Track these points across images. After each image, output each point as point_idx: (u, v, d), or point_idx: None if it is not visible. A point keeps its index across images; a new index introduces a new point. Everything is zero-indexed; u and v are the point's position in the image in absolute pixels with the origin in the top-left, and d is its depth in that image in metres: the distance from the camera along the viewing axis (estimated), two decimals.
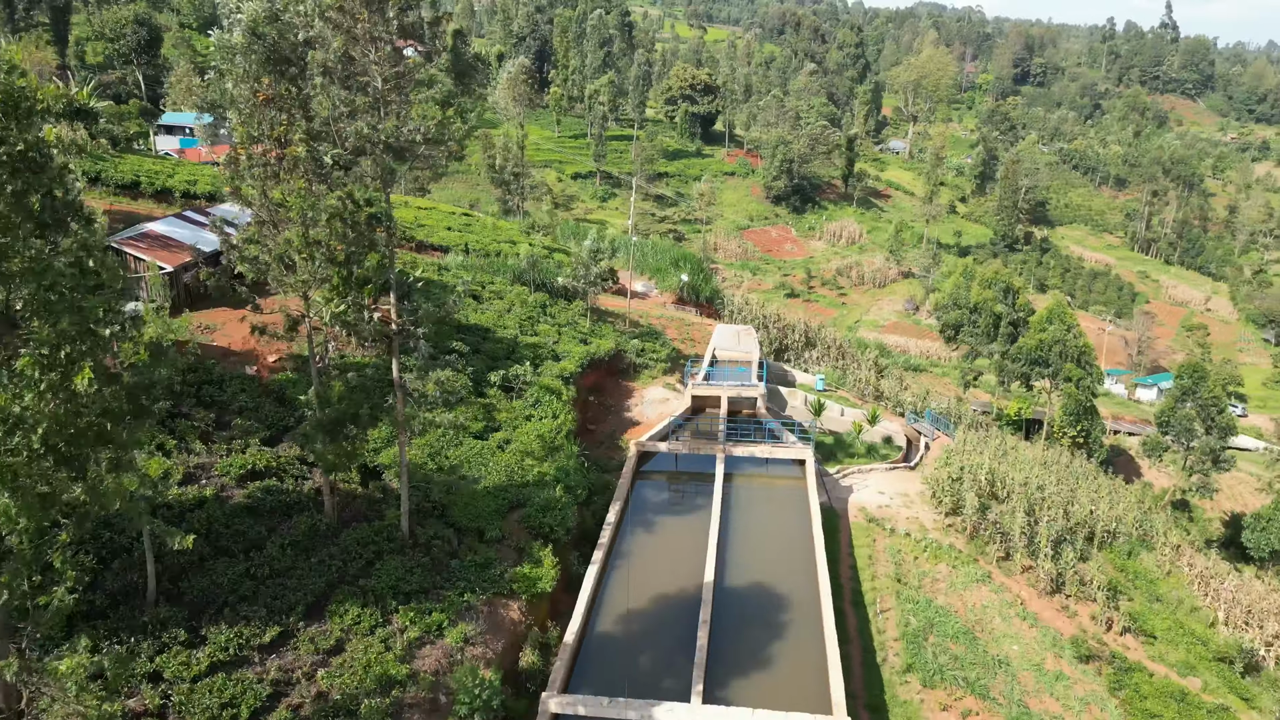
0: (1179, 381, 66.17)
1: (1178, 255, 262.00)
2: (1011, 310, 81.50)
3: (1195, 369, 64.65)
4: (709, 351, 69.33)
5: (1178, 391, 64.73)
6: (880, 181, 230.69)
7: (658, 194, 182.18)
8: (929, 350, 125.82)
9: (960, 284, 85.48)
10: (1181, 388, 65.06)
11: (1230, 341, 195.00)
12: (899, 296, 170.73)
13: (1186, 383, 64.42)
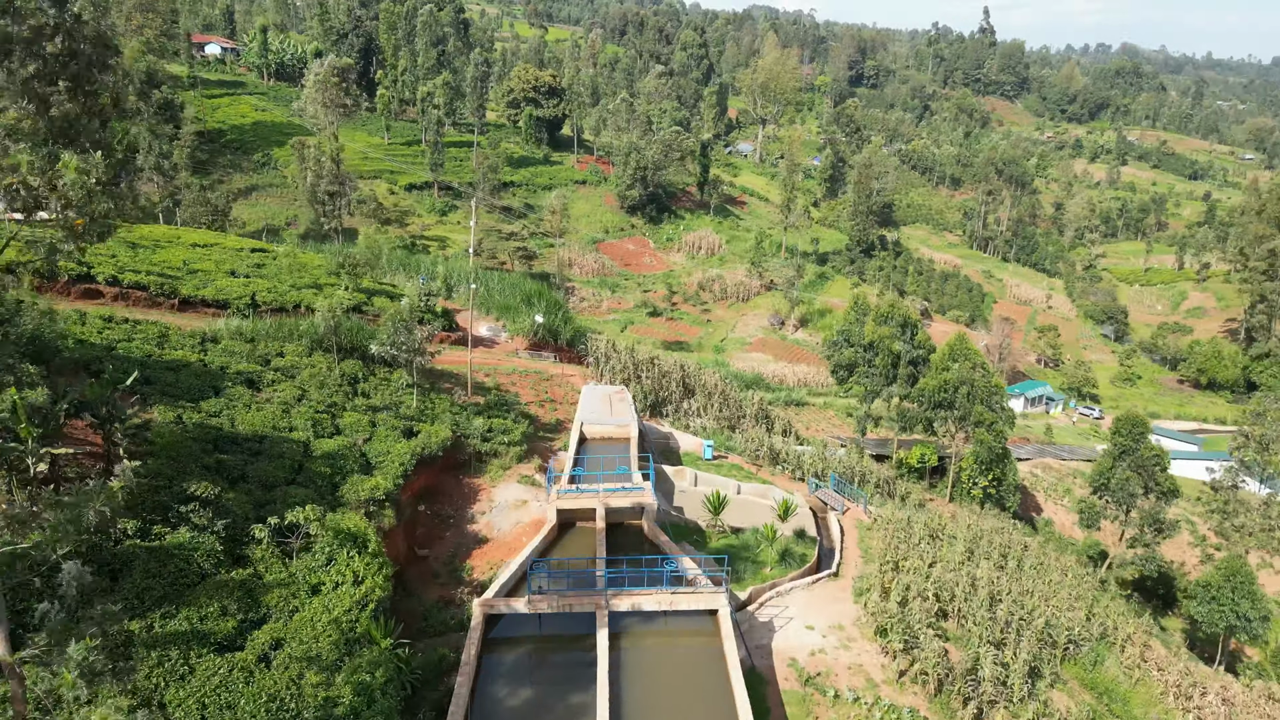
0: (1116, 438, 57.07)
1: (1014, 252, 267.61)
2: (911, 348, 70.81)
3: (1134, 422, 55.56)
4: (575, 428, 53.96)
5: (1115, 450, 55.48)
6: (735, 188, 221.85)
7: (504, 206, 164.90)
8: (804, 376, 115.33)
9: (852, 318, 74.26)
10: (1119, 445, 55.78)
11: (1074, 339, 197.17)
12: (763, 311, 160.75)
13: (1124, 440, 55.19)
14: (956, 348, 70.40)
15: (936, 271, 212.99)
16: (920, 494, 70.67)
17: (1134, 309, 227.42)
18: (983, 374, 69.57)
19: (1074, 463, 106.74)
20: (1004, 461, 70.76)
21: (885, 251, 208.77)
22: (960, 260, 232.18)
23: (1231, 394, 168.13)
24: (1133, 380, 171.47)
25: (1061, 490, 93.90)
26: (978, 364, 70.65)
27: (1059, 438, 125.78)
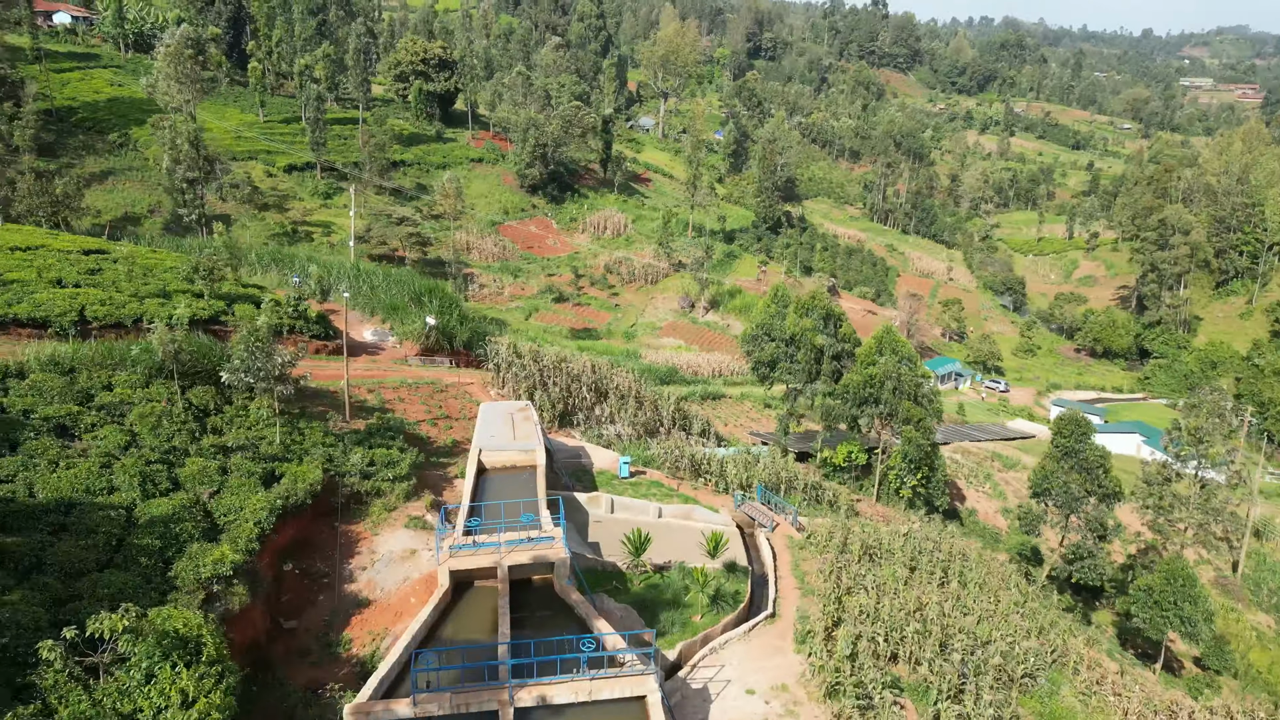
0: (1058, 439, 53.36)
1: (914, 225, 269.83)
2: (835, 341, 65.94)
3: (1076, 422, 51.96)
4: (473, 457, 46.60)
5: (1056, 452, 51.81)
6: (639, 164, 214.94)
7: (394, 188, 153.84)
8: (719, 365, 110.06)
9: (772, 311, 68.95)
10: (1061, 446, 52.10)
11: (976, 311, 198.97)
12: (673, 293, 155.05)
13: (1067, 441, 51.53)
14: (884, 340, 65.90)
15: (841, 247, 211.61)
16: (848, 496, 66.19)
17: (1030, 278, 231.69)
18: (909, 368, 65.31)
19: (990, 444, 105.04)
20: (932, 458, 66.91)
21: (792, 229, 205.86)
22: (863, 234, 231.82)
23: (1125, 361, 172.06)
24: (1033, 351, 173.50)
25: (982, 476, 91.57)
26: (905, 357, 66.35)
27: (971, 415, 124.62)
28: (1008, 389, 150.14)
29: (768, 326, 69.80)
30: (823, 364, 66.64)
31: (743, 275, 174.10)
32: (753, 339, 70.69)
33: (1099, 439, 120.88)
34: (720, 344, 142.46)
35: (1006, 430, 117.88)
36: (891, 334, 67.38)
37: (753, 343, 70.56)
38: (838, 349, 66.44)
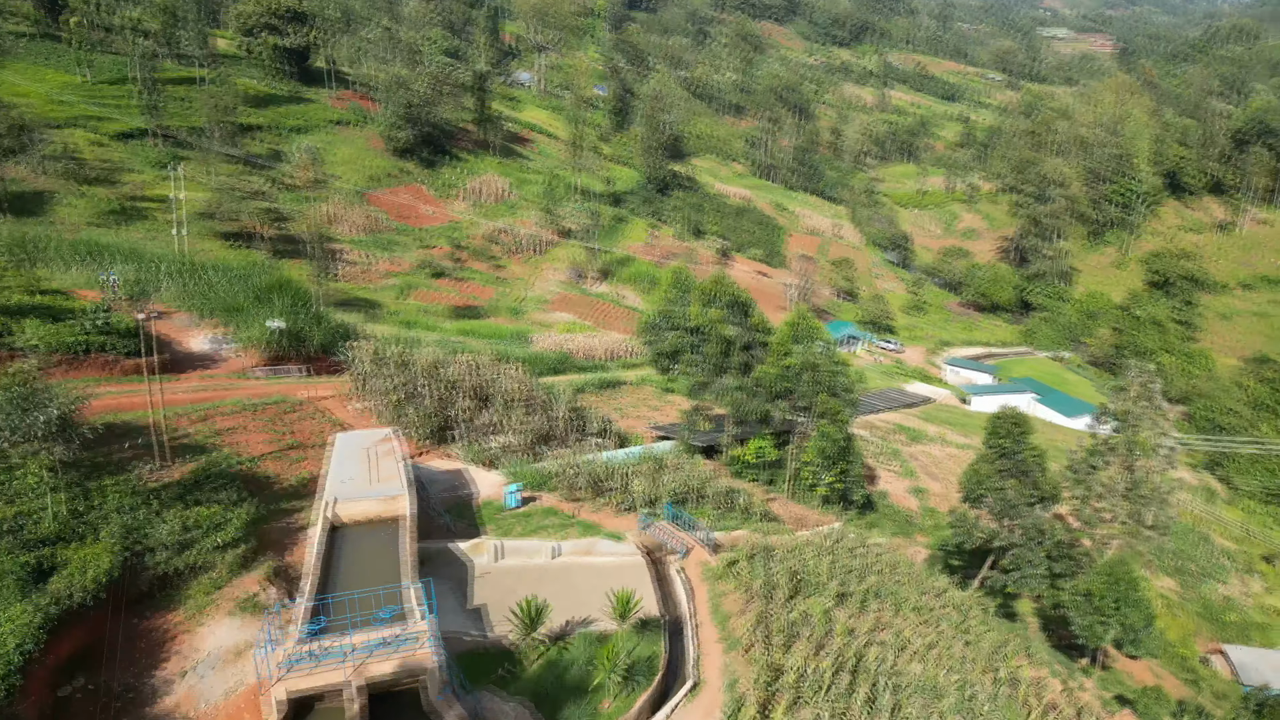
0: (994, 439, 48.21)
1: (799, 180, 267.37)
2: (745, 330, 59.19)
3: (1014, 420, 46.92)
4: (321, 509, 37.60)
5: (991, 454, 46.75)
6: (518, 123, 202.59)
7: (245, 156, 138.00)
8: (614, 346, 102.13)
9: (672, 296, 61.50)
10: (997, 447, 46.97)
11: (865, 268, 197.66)
12: (562, 263, 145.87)
13: (1004, 442, 46.49)
14: (799, 327, 59.55)
15: (730, 206, 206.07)
16: (761, 499, 60.16)
17: (914, 233, 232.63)
18: (827, 357, 59.33)
19: (893, 415, 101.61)
20: (849, 452, 61.52)
21: (681, 190, 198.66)
22: (750, 192, 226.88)
23: (1010, 315, 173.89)
24: (922, 308, 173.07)
25: (889, 453, 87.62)
26: (825, 345, 60.30)
27: (870, 381, 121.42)
28: (901, 348, 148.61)
29: (669, 314, 62.32)
30: (731, 356, 59.85)
31: (633, 240, 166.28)
32: (652, 328, 63.14)
33: (993, 400, 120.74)
34: (614, 317, 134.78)
35: (907, 396, 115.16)
36: (807, 320, 61.16)
37: (652, 332, 63.02)
38: (747, 338, 59.72)
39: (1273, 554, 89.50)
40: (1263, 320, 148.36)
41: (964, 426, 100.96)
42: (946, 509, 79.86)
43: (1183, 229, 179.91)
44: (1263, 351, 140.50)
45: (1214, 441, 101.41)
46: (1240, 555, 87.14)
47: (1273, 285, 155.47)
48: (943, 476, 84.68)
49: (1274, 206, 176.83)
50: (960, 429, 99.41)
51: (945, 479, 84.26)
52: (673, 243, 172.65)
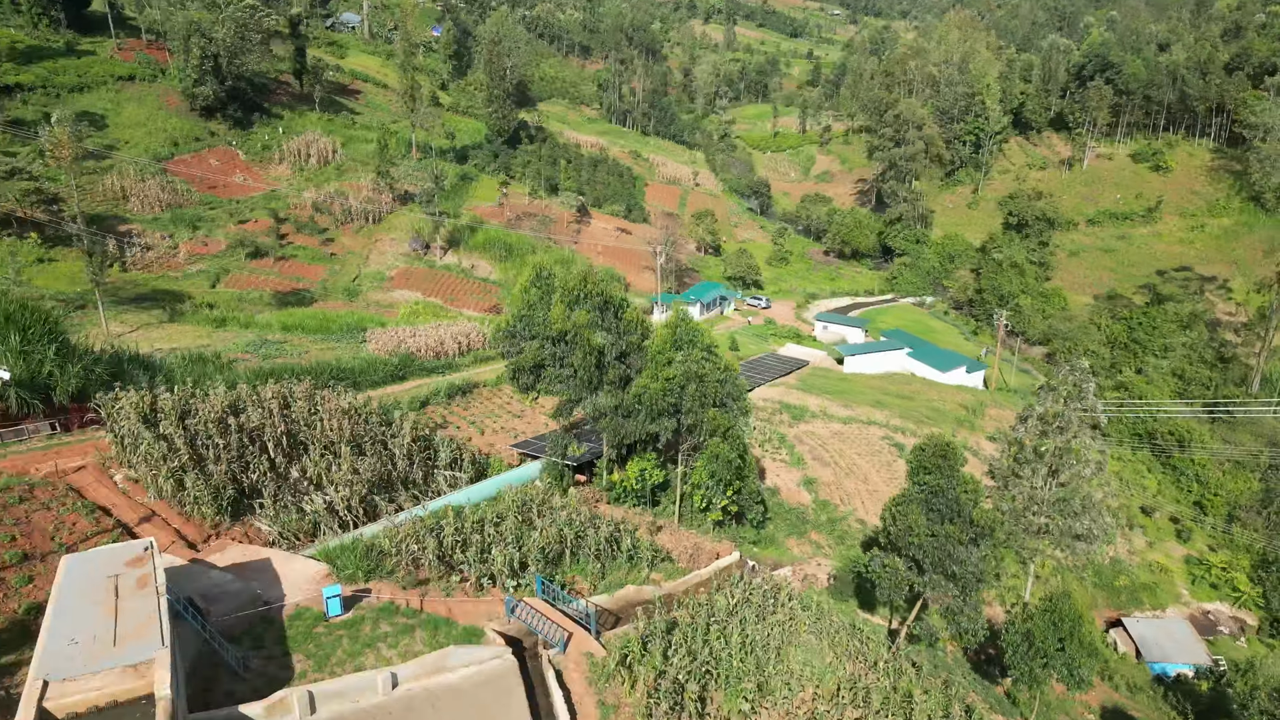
0: (920, 476, 40.40)
1: (653, 125, 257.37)
2: (617, 337, 49.22)
3: (942, 453, 39.23)
4: (30, 699, 25.54)
5: (917, 493, 39.39)
6: (344, 73, 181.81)
7: (4, 123, 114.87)
8: (466, 336, 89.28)
9: (531, 297, 50.53)
10: (924, 485, 39.31)
11: (726, 218, 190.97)
12: (402, 233, 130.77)
13: (932, 479, 38.93)
14: (679, 330, 50.08)
15: (585, 157, 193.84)
16: (649, 531, 51.27)
17: (772, 177, 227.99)
18: (714, 364, 50.37)
19: (774, 391, 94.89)
20: (744, 468, 53.29)
21: (531, 141, 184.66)
22: (604, 140, 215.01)
23: (872, 261, 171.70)
24: (786, 259, 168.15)
25: (776, 439, 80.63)
26: (707, 348, 51.19)
27: (744, 347, 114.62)
28: (769, 304, 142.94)
29: (528, 320, 51.46)
30: (605, 368, 49.92)
31: (482, 201, 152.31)
32: (508, 336, 52.12)
33: (868, 360, 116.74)
34: (465, 292, 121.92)
35: (783, 362, 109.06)
36: (687, 323, 51.73)
37: (508, 341, 52.02)
38: (622, 346, 49.87)
39: (1149, 505, 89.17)
40: (1109, 255, 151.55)
41: (844, 395, 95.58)
42: (838, 498, 73.93)
43: (1030, 166, 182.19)
44: (1113, 287, 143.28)
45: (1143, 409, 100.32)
46: (1120, 509, 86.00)
47: (1117, 220, 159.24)
48: (831, 460, 78.60)
49: (1114, 141, 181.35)
50: (841, 398, 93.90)
51: (834, 463, 78.22)
52: (527, 201, 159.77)
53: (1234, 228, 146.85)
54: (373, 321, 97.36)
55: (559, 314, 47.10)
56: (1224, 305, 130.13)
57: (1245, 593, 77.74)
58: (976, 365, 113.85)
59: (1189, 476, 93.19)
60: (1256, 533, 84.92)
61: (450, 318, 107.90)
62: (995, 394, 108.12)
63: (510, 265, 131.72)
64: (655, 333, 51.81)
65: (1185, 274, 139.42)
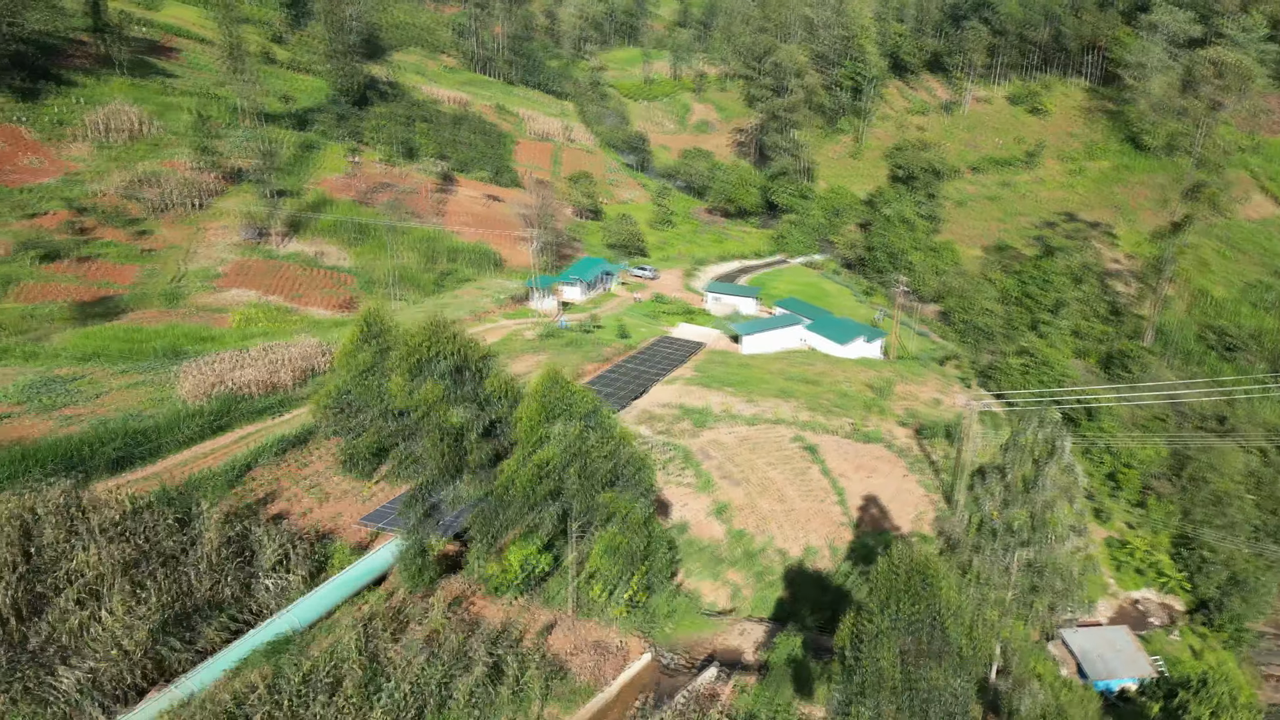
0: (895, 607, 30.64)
1: (518, 74, 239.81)
2: (478, 410, 37.11)
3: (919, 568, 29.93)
4: None
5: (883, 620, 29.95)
6: (155, 29, 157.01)
7: None
8: (308, 358, 74.35)
9: (363, 360, 37.70)
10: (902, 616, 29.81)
11: (603, 177, 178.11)
12: (235, 218, 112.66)
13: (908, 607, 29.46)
14: (549, 397, 38.34)
15: (446, 115, 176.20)
16: (537, 634, 40.56)
17: (648, 129, 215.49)
18: (602, 434, 39.24)
19: (670, 391, 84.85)
20: (650, 542, 42.92)
21: (384, 100, 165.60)
22: (467, 95, 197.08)
23: (758, 219, 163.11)
24: (670, 220, 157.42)
25: (679, 456, 70.71)
26: (589, 413, 39.88)
27: (633, 332, 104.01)
28: (656, 274, 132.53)
29: (360, 390, 38.89)
30: (467, 451, 38.16)
31: (329, 172, 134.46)
32: (335, 411, 39.49)
33: (765, 339, 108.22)
34: (313, 285, 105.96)
35: (678, 347, 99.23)
36: (560, 385, 40.14)
37: (335, 419, 39.40)
38: (487, 420, 38.20)
39: None
40: (995, 204, 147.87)
41: (746, 386, 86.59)
42: (754, 525, 64.94)
43: (910, 111, 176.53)
44: (1001, 238, 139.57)
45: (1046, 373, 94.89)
46: None
47: (999, 166, 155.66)
48: (742, 476, 69.48)
49: (991, 83, 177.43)
50: (743, 391, 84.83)
51: (745, 480, 69.13)
52: (381, 171, 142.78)
53: (1113, 171, 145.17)
54: (196, 339, 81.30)
55: (400, 387, 34.86)
56: (1111, 253, 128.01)
57: (1171, 577, 74.04)
58: (875, 333, 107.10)
59: (1099, 447, 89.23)
60: (1172, 506, 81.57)
61: (294, 323, 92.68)
62: (899, 366, 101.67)
63: (365, 249, 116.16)
64: (525, 395, 40.08)
65: (1074, 225, 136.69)
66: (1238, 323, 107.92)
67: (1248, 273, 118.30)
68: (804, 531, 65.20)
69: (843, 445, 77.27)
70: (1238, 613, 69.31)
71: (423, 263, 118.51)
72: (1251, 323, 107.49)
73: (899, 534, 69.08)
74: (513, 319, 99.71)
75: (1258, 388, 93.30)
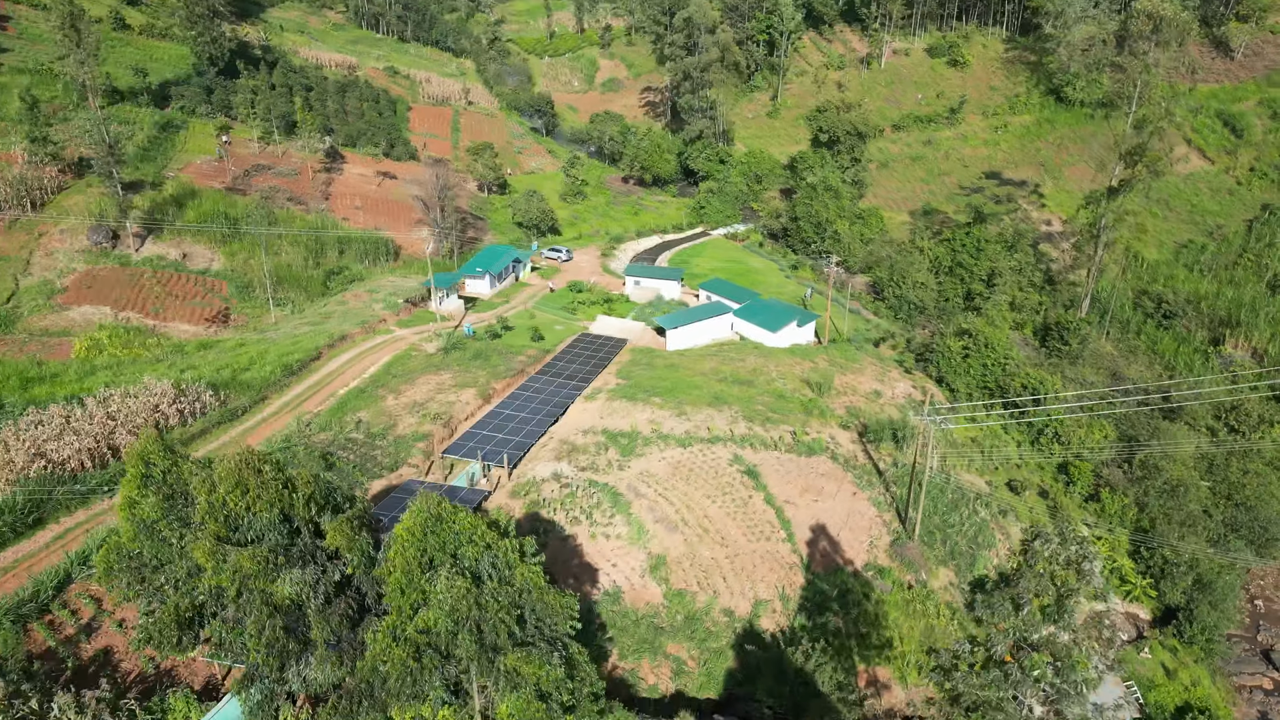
0: None
1: (410, 29, 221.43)
2: (324, 570, 26.16)
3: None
4: None
5: None
6: None
7: None
8: (153, 414, 61.24)
9: (145, 512, 26.41)
10: None
11: (506, 144, 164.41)
12: (80, 219, 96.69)
13: None
14: (429, 542, 27.78)
15: (331, 83, 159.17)
16: None
17: (553, 89, 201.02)
18: (498, 577, 29.07)
19: (593, 405, 75.01)
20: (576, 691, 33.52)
21: (257, 67, 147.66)
22: (354, 58, 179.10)
23: (675, 188, 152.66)
24: (582, 192, 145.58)
25: (607, 500, 60.93)
26: (486, 547, 29.65)
27: (548, 332, 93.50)
28: (570, 255, 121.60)
29: (153, 549, 27.94)
30: (310, 624, 27.77)
31: (197, 156, 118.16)
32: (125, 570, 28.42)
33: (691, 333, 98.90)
34: (176, 296, 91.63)
35: (596, 348, 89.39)
36: (442, 522, 29.69)
37: (127, 581, 28.42)
38: (336, 577, 27.80)
39: (1015, 479, 78.68)
40: (919, 164, 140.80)
41: (675, 393, 77.42)
42: (695, 580, 56.29)
43: (828, 66, 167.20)
44: (927, 201, 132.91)
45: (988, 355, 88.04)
46: (992, 497, 74.75)
47: (921, 124, 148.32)
48: (678, 516, 60.63)
49: (910, 35, 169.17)
50: (673, 401, 75.64)
51: (683, 521, 60.32)
52: (257, 150, 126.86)
53: (1035, 126, 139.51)
54: (22, 382, 67.19)
55: (207, 554, 24.15)
56: (1040, 214, 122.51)
57: (1135, 584, 68.95)
58: (807, 316, 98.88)
59: (1048, 436, 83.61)
60: (1126, 499, 76.49)
61: (152, 348, 79.01)
62: (833, 352, 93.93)
63: (239, 247, 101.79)
64: (395, 539, 29.50)
65: (1002, 187, 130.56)
66: (1173, 287, 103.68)
67: (1178, 231, 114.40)
68: (751, 581, 56.94)
69: (784, 463, 69.00)
70: (1208, 623, 64.76)
71: (308, 258, 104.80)
72: (1187, 287, 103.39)
73: (853, 570, 61.76)
74: (410, 327, 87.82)
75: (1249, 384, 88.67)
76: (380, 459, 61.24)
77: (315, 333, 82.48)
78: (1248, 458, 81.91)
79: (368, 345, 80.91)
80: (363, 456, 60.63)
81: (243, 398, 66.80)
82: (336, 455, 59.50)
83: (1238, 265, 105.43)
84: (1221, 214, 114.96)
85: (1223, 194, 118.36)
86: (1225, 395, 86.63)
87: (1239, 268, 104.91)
